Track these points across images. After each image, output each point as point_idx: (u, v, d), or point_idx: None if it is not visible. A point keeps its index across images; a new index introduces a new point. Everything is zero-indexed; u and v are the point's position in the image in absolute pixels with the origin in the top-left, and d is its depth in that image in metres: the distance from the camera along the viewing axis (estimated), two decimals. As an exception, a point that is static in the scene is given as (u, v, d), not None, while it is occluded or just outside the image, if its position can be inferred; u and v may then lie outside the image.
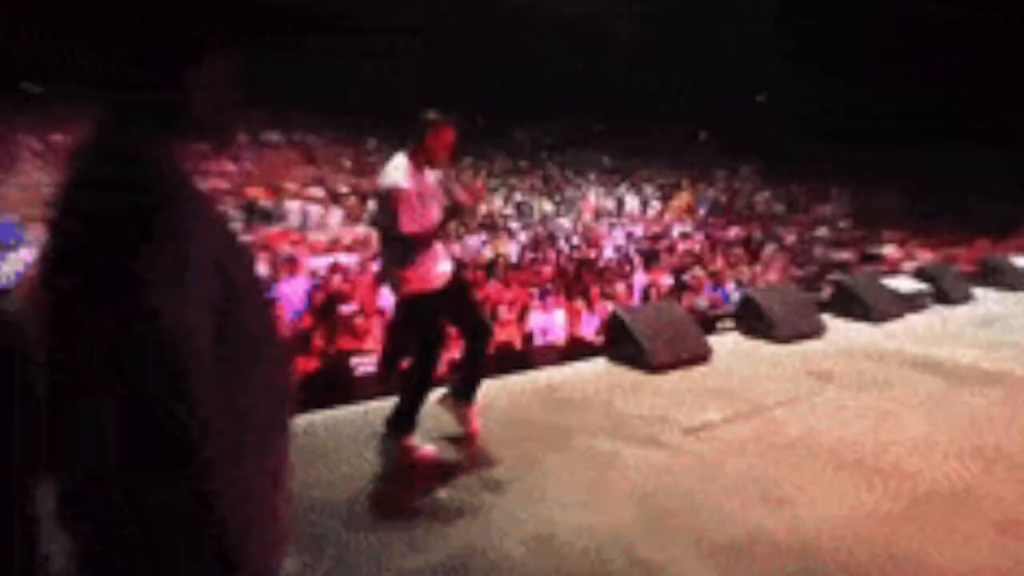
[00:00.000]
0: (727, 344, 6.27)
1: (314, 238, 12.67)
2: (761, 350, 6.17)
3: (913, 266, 9.63)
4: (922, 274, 8.53)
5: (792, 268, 11.79)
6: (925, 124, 20.68)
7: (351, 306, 6.93)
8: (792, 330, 6.42)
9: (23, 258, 8.10)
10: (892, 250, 12.83)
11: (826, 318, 7.06)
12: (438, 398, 3.99)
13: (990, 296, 8.76)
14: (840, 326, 7.03)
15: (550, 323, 7.76)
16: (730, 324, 6.81)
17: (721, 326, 6.82)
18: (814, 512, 3.27)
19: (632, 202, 21.13)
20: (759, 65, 25.57)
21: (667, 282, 9.85)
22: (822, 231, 16.74)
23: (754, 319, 6.51)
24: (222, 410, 0.96)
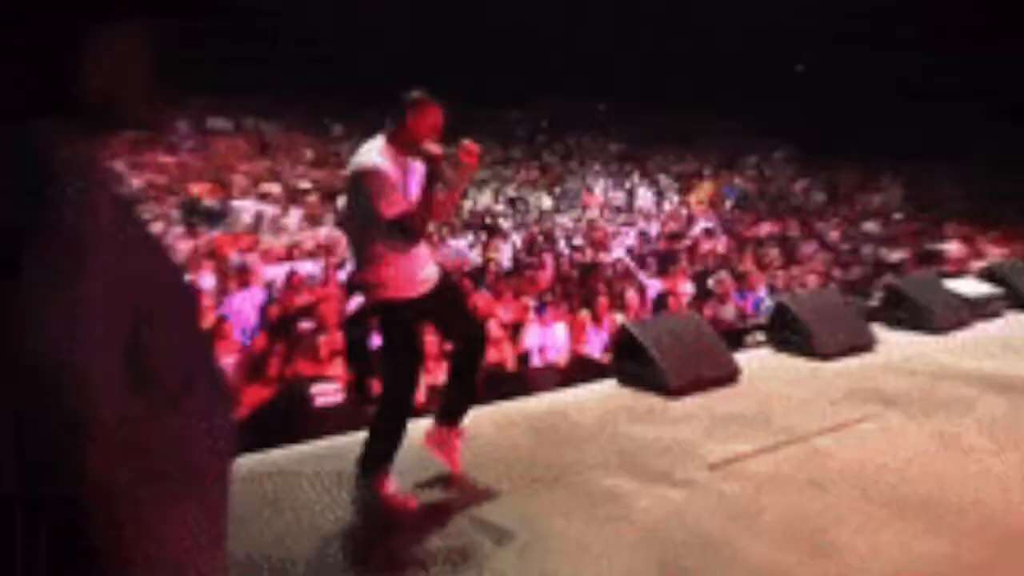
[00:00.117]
0: (758, 361, 6.26)
1: (269, 243, 12.65)
2: (799, 368, 6.17)
3: (981, 265, 9.64)
4: (992, 275, 8.55)
5: (836, 270, 11.82)
6: (997, 101, 20.78)
7: (312, 323, 6.92)
8: (836, 344, 6.43)
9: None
10: (956, 247, 12.86)
11: (876, 328, 7.08)
12: (423, 437, 3.97)
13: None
14: (894, 338, 7.05)
15: (549, 339, 7.75)
16: (762, 337, 6.82)
17: (751, 340, 6.83)
18: (867, 562, 3.23)
19: (645, 195, 21.19)
20: (796, 29, 25.68)
21: (687, 289, 9.85)
22: (871, 226, 16.79)
23: (790, 331, 6.51)
24: (134, 449, 0.95)
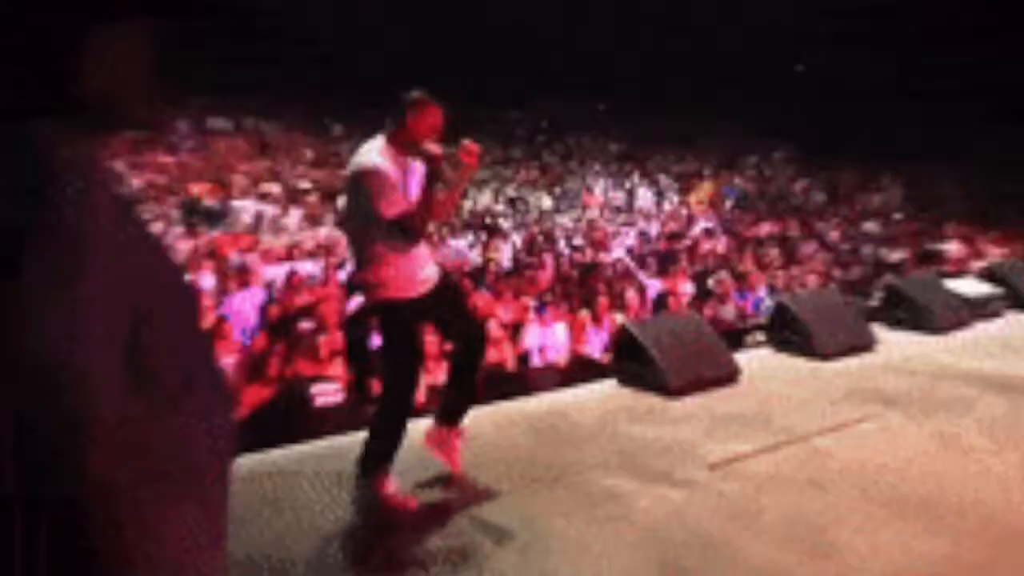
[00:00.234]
0: (758, 361, 6.27)
1: (269, 243, 12.66)
2: (799, 368, 6.18)
3: (981, 265, 9.65)
4: (993, 275, 8.55)
5: (836, 270, 11.82)
6: (997, 101, 20.76)
7: (312, 323, 6.92)
8: (836, 343, 6.44)
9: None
10: (956, 246, 12.86)
11: (876, 328, 7.08)
12: (424, 436, 3.97)
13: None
14: (894, 338, 7.05)
15: (549, 339, 7.76)
16: (762, 337, 6.83)
17: (751, 340, 6.83)
18: (868, 563, 3.24)
19: (645, 195, 21.19)
20: (796, 29, 25.66)
21: (687, 289, 9.86)
22: (871, 226, 16.79)
23: (790, 331, 6.52)
24: (134, 449, 0.96)
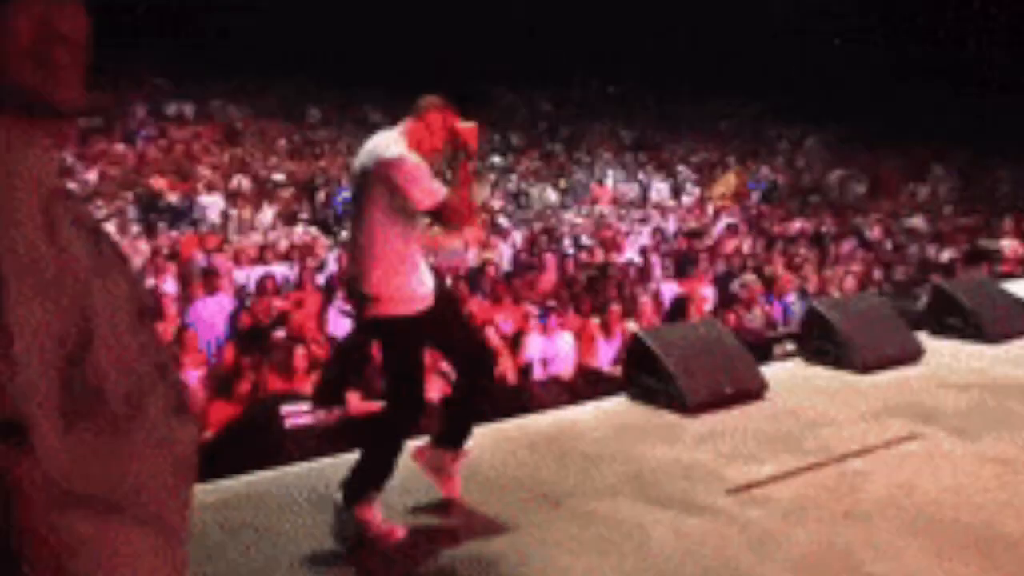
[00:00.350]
0: (787, 374, 6.31)
1: (239, 243, 12.70)
2: (833, 382, 6.20)
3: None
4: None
5: (876, 271, 11.84)
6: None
7: (287, 333, 6.98)
8: (875, 354, 6.45)
9: None
10: (1013, 244, 12.87)
11: (922, 337, 7.10)
12: (413, 451, 4.01)
13: None
14: (941, 348, 7.07)
15: (553, 350, 7.79)
16: (792, 347, 6.84)
17: (780, 350, 6.86)
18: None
19: (661, 188, 21.22)
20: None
21: (708, 293, 9.88)
22: (917, 221, 16.82)
23: (824, 340, 6.53)
24: (76, 474, 1.00)
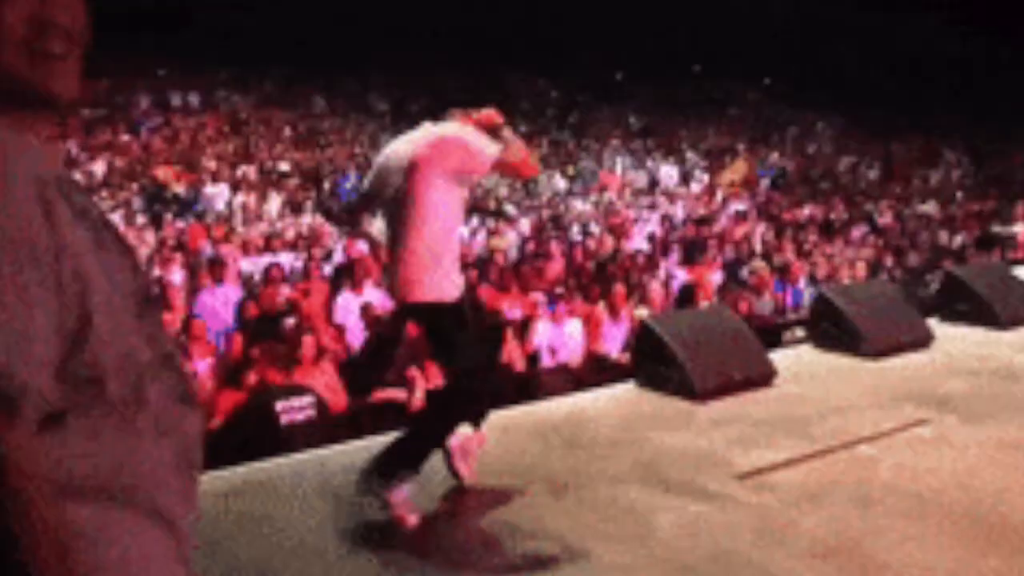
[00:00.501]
0: (796, 360, 6.32)
1: (245, 233, 12.73)
2: (843, 368, 6.21)
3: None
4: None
5: (888, 257, 11.84)
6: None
7: (295, 322, 7.00)
8: (885, 340, 6.46)
9: None
10: (1025, 229, 12.83)
11: (933, 323, 7.10)
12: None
13: None
14: (953, 334, 7.07)
15: (561, 338, 7.81)
16: (802, 334, 6.85)
17: (789, 337, 6.87)
18: (916, 583, 3.30)
19: (670, 174, 21.20)
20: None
21: (716, 280, 9.89)
22: (930, 207, 16.79)
23: (833, 326, 6.54)
24: (70, 459, 1.01)
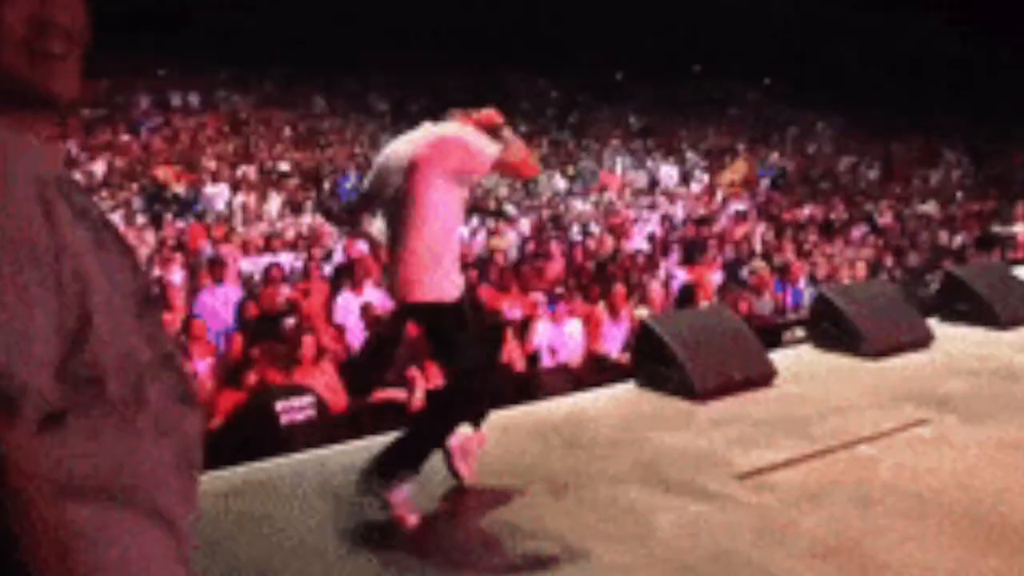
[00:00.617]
0: (796, 360, 6.32)
1: (245, 233, 12.74)
2: (843, 367, 6.22)
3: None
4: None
5: (888, 257, 11.84)
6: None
7: (295, 321, 7.00)
8: (885, 340, 6.46)
9: None
10: (1025, 229, 12.83)
11: (933, 323, 7.10)
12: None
13: None
14: (952, 334, 7.07)
15: (561, 338, 7.81)
16: (801, 334, 6.85)
17: (789, 337, 6.88)
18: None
19: (670, 174, 21.21)
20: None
21: (716, 279, 9.89)
22: (930, 207, 16.80)
23: (833, 326, 6.54)
24: (70, 459, 1.02)
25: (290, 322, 6.87)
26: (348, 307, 8.20)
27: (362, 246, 9.89)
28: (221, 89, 22.49)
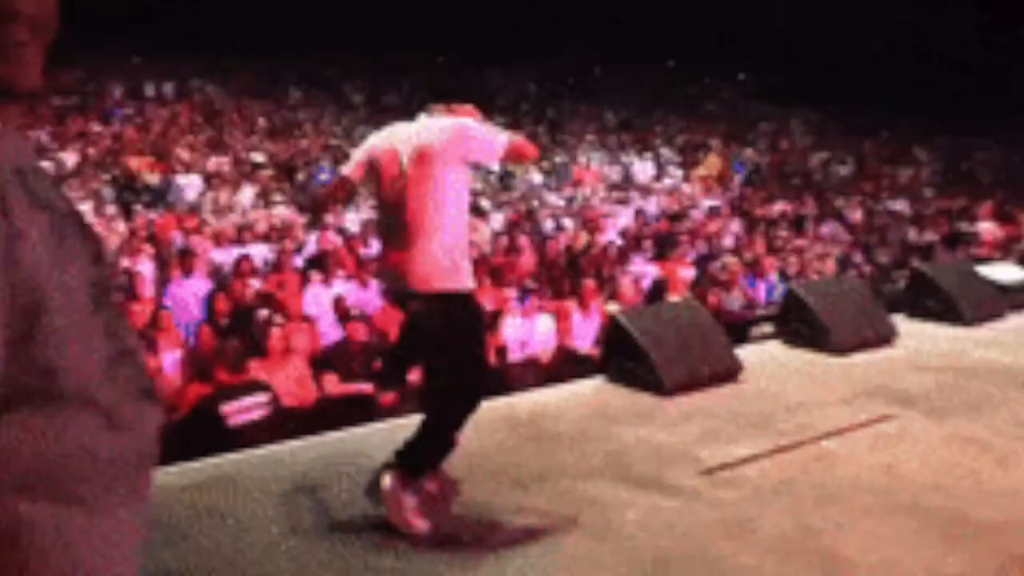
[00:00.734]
0: (764, 356, 6.36)
1: (217, 224, 12.63)
2: (809, 363, 6.27)
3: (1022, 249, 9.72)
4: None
5: (857, 254, 11.91)
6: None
7: (266, 313, 6.95)
8: (852, 337, 6.51)
9: None
10: (990, 227, 12.93)
11: (900, 320, 7.17)
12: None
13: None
14: (918, 330, 7.14)
15: (531, 332, 7.79)
16: (770, 330, 6.88)
17: (757, 332, 6.89)
18: (879, 578, 3.32)
19: (643, 170, 21.23)
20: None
21: (687, 274, 9.91)
22: (900, 204, 16.90)
23: (801, 323, 6.58)
24: (20, 456, 1.00)
25: (263, 314, 6.83)
26: (318, 300, 8.14)
27: (335, 237, 9.84)
28: (196, 79, 22.28)
